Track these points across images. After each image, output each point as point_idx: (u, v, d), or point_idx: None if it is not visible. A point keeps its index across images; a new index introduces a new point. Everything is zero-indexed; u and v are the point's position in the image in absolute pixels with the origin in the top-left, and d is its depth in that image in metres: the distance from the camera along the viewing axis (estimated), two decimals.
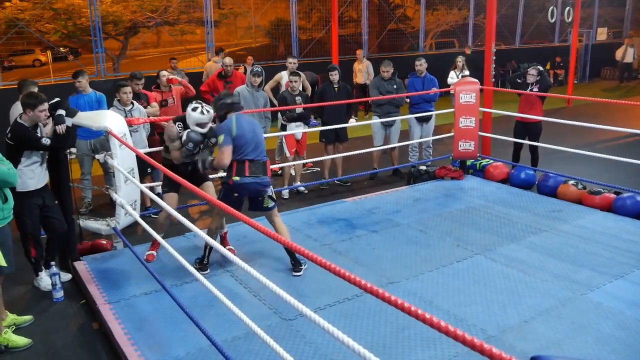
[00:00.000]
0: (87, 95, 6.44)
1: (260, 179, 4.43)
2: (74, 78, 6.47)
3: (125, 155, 4.92)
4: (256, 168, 4.42)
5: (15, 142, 4.27)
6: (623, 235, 5.28)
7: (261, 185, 4.47)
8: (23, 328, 4.09)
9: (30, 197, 4.37)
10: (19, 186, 4.18)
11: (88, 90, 6.49)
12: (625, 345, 3.52)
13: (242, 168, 4.38)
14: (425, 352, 3.46)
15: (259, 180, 4.43)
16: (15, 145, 4.27)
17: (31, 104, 4.27)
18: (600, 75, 19.87)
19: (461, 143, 7.32)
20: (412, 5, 17.26)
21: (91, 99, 6.44)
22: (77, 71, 6.65)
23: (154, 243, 4.95)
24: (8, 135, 4.30)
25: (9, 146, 4.27)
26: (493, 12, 7.84)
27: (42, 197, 4.48)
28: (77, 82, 6.44)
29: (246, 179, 4.39)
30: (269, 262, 4.86)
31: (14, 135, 4.28)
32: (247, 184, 4.41)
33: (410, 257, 4.91)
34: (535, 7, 18.41)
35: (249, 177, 4.39)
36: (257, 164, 4.42)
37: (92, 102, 6.41)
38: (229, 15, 14.35)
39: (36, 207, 4.44)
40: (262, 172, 4.45)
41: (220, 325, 3.75)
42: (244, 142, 4.40)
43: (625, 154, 6.53)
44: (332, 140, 7.49)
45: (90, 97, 6.45)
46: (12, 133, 4.29)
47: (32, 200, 4.39)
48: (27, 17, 11.18)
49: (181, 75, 10.99)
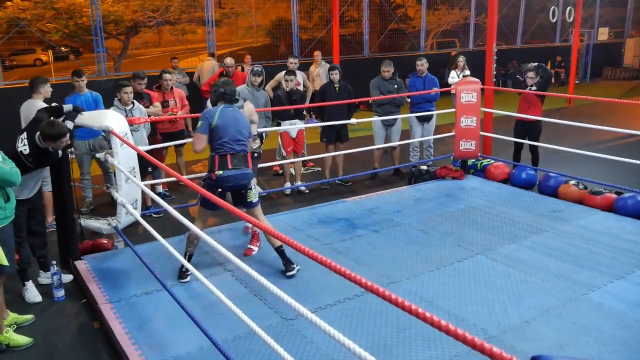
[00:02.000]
0: (83, 96, 6.37)
1: (243, 171, 4.45)
2: (78, 77, 6.39)
3: (127, 154, 4.92)
4: (238, 160, 4.43)
5: (35, 165, 4.18)
6: (624, 235, 5.27)
7: (244, 176, 4.47)
8: (24, 327, 4.09)
9: (21, 205, 4.23)
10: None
11: (84, 91, 6.42)
12: (626, 346, 3.51)
13: (224, 161, 4.40)
14: (426, 351, 3.46)
15: (242, 172, 4.44)
16: (32, 162, 4.15)
17: (52, 136, 4.09)
18: (601, 75, 19.86)
19: (462, 143, 7.32)
20: (413, 5, 17.25)
21: (88, 99, 6.37)
22: (80, 70, 6.62)
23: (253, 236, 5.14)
24: (28, 157, 4.09)
25: (23, 164, 4.06)
26: (494, 11, 7.84)
27: (31, 201, 4.40)
28: (81, 80, 6.39)
29: (229, 171, 4.40)
30: (270, 261, 4.86)
31: (36, 160, 4.14)
32: (230, 177, 4.40)
33: (411, 257, 4.91)
34: (537, 7, 18.39)
35: (232, 170, 4.41)
36: (238, 157, 4.44)
37: (90, 102, 6.34)
38: (230, 14, 14.35)
39: (23, 213, 4.33)
40: (244, 165, 4.47)
41: (221, 324, 3.74)
42: (223, 135, 4.40)
43: (627, 154, 6.53)
44: (333, 140, 7.49)
45: (87, 97, 6.39)
46: (34, 157, 4.12)
47: (22, 208, 4.26)
48: (28, 16, 11.19)
49: (182, 74, 11.03)
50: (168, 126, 6.96)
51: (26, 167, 4.08)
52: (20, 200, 4.23)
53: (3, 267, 3.74)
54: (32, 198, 4.40)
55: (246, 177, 4.49)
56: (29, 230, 4.46)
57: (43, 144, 4.12)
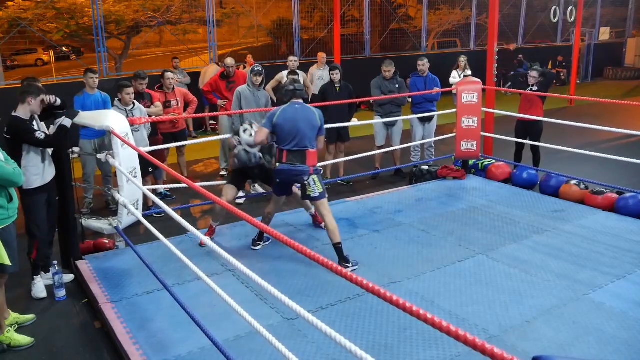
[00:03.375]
0: (93, 96, 6.41)
1: (295, 167, 4.71)
2: (93, 73, 6.41)
3: (128, 154, 4.92)
4: (294, 157, 4.72)
5: (11, 135, 4.28)
6: (625, 235, 5.27)
7: (296, 172, 4.72)
8: (25, 327, 4.09)
9: (36, 194, 4.37)
10: (24, 184, 4.19)
11: (95, 90, 6.46)
12: (628, 346, 3.51)
13: (281, 156, 4.77)
14: (427, 352, 3.46)
15: (294, 168, 4.71)
16: (12, 139, 4.28)
17: (35, 92, 4.30)
18: (602, 75, 19.84)
19: (463, 143, 7.31)
20: (415, 5, 17.24)
21: (97, 99, 6.40)
22: (92, 68, 6.64)
23: (209, 229, 5.39)
24: (5, 129, 4.31)
25: (7, 140, 4.28)
26: (495, 11, 7.84)
27: (48, 193, 4.50)
28: (96, 77, 6.42)
29: (283, 165, 4.74)
30: (272, 261, 4.86)
31: (10, 128, 4.29)
32: (283, 170, 4.76)
33: (412, 257, 4.91)
34: (538, 7, 18.37)
35: (286, 164, 4.73)
36: (295, 153, 4.72)
37: (99, 102, 6.37)
38: (231, 14, 14.34)
39: (43, 204, 4.45)
40: (300, 161, 4.72)
41: (222, 324, 3.75)
42: (281, 132, 4.74)
43: (628, 154, 6.52)
44: (334, 140, 7.49)
45: (96, 97, 6.42)
46: (8, 126, 4.30)
47: (39, 197, 4.40)
48: (29, 16, 11.19)
49: (183, 74, 11.03)
50: (169, 126, 6.96)
51: (10, 145, 4.25)
52: (35, 189, 4.35)
53: (5, 267, 3.75)
54: (49, 188, 4.50)
55: (298, 172, 4.73)
56: None
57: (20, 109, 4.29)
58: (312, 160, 4.77)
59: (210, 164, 8.46)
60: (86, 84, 6.45)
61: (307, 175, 4.75)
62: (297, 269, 4.67)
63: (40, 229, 4.47)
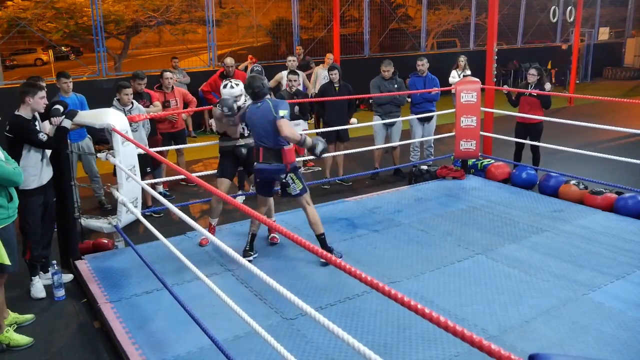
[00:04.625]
0: (69, 98, 6.24)
1: (271, 166, 4.66)
2: (66, 78, 6.30)
3: (127, 152, 4.92)
4: (270, 155, 4.65)
5: (13, 134, 4.27)
6: (625, 235, 5.27)
7: (272, 171, 4.68)
8: (24, 327, 4.09)
9: (32, 195, 4.37)
10: (22, 184, 4.18)
11: (70, 93, 6.33)
12: (627, 346, 3.51)
13: (258, 155, 4.73)
14: (426, 351, 3.46)
15: (270, 167, 4.67)
16: (14, 138, 4.28)
17: (31, 91, 4.29)
18: (602, 75, 19.85)
19: (462, 143, 7.32)
20: (414, 5, 17.24)
21: (74, 101, 6.26)
22: (66, 72, 6.53)
23: (209, 228, 5.27)
24: (7, 128, 4.30)
25: (8, 139, 4.28)
26: (495, 11, 7.83)
27: (44, 195, 4.49)
28: (69, 82, 6.33)
29: (260, 165, 4.70)
30: (270, 261, 4.86)
31: (12, 128, 4.28)
32: (261, 170, 4.72)
33: (411, 257, 4.91)
34: (537, 7, 18.38)
35: (262, 164, 4.69)
36: (270, 152, 4.65)
37: (76, 104, 6.21)
38: (231, 14, 14.33)
39: (39, 206, 4.45)
40: (276, 159, 4.65)
41: (221, 324, 3.74)
42: (251, 130, 4.79)
43: (627, 153, 6.52)
44: (334, 140, 7.49)
45: (72, 99, 6.26)
46: (11, 125, 4.29)
47: (35, 199, 4.39)
48: (29, 16, 11.19)
49: (183, 74, 11.02)
50: (168, 126, 6.95)
51: (11, 144, 4.24)
52: (32, 190, 4.33)
53: (4, 267, 3.74)
54: (46, 189, 4.48)
55: (274, 171, 4.67)
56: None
57: (22, 108, 4.30)
58: (288, 157, 4.68)
59: (209, 164, 8.46)
60: (60, 89, 6.33)
61: (285, 173, 4.70)
62: (296, 269, 4.68)
63: (33, 229, 4.45)
